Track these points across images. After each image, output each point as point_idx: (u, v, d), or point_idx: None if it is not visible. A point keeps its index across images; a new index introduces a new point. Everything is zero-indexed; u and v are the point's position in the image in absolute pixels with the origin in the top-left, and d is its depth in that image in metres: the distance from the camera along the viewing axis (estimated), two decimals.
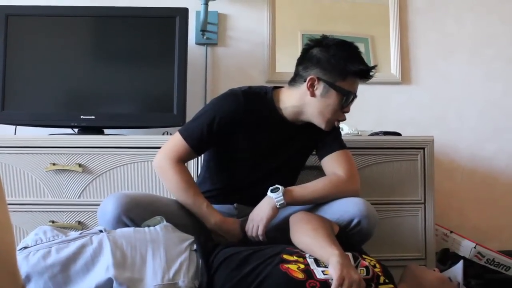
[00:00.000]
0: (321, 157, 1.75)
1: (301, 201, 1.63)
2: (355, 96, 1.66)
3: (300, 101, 1.66)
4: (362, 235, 1.58)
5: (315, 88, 1.63)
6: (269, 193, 1.60)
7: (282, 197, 1.58)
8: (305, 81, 1.63)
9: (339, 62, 1.61)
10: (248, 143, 1.69)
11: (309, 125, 1.71)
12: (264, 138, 1.70)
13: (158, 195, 1.73)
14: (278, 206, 1.58)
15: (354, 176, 1.68)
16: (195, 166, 1.96)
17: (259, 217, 1.59)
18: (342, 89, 1.62)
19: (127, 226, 1.50)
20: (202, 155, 1.81)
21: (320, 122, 1.67)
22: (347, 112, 1.68)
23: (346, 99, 1.63)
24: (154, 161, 1.68)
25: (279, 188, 1.59)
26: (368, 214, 1.56)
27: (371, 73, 1.64)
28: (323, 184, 1.65)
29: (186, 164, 1.72)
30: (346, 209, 1.58)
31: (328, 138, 1.74)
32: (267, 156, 1.71)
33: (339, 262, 1.28)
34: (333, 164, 1.70)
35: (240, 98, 1.66)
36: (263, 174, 1.71)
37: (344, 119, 1.70)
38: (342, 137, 1.79)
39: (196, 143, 1.65)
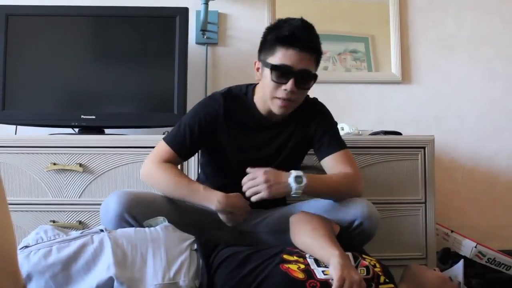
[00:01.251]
0: (321, 157, 1.72)
1: (314, 196, 1.62)
2: (285, 68, 1.55)
3: (260, 89, 1.67)
4: (364, 237, 1.57)
5: (259, 72, 1.65)
6: (292, 180, 1.51)
7: (300, 193, 1.52)
8: None
9: (270, 39, 1.60)
10: (233, 145, 1.68)
11: (293, 121, 1.69)
12: (248, 138, 1.69)
13: (160, 194, 1.73)
14: (292, 196, 1.54)
15: (359, 175, 1.66)
16: (195, 166, 1.96)
17: (273, 185, 1.50)
18: (268, 64, 1.58)
19: (130, 224, 1.50)
20: (198, 159, 1.80)
21: (270, 104, 1.62)
22: (288, 88, 1.56)
23: (274, 72, 1.56)
24: (141, 171, 1.66)
25: (302, 181, 1.51)
26: (370, 216, 1.55)
27: (299, 38, 1.54)
28: (339, 181, 1.61)
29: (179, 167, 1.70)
30: (348, 210, 1.57)
31: (325, 138, 1.70)
32: (258, 157, 1.68)
33: (339, 263, 1.27)
34: (335, 164, 1.67)
35: (220, 101, 1.66)
36: None
37: (282, 97, 1.58)
38: (342, 137, 1.76)
39: (180, 147, 1.64)
